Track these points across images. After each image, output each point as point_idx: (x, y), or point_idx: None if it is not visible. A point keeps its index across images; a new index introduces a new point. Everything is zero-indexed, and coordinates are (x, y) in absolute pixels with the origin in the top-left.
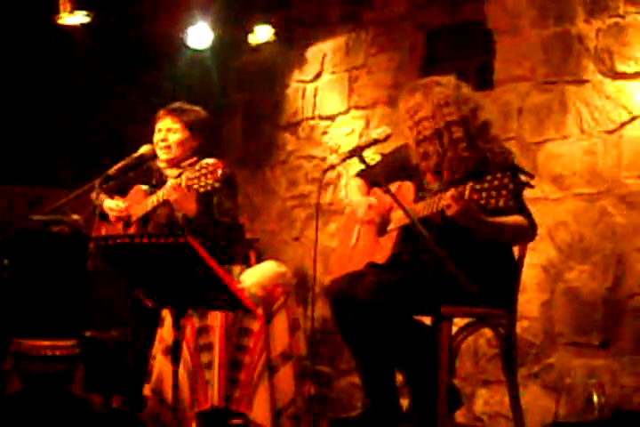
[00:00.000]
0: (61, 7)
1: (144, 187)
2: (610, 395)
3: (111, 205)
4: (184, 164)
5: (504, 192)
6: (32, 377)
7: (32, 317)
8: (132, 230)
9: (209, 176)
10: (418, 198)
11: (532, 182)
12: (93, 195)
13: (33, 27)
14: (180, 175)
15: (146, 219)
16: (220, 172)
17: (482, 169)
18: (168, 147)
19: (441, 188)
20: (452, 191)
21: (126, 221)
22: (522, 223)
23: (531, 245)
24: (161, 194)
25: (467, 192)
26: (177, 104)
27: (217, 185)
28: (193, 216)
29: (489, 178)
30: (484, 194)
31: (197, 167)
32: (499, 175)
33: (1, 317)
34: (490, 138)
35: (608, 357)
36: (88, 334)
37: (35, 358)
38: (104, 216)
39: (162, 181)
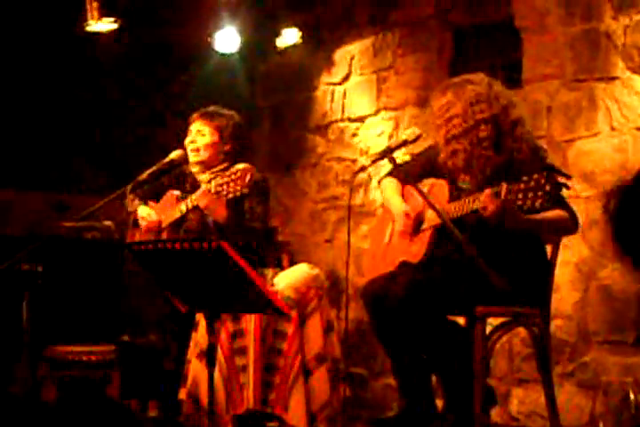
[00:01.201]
0: (89, 14)
1: (176, 192)
2: None
3: (144, 214)
4: (216, 169)
5: (541, 193)
6: (67, 383)
7: (67, 323)
8: (164, 236)
9: (238, 182)
10: (452, 198)
11: (569, 183)
12: (128, 200)
13: (61, 34)
14: (210, 180)
15: (177, 224)
16: (248, 178)
17: (510, 168)
18: (197, 149)
19: (475, 187)
20: (487, 191)
21: (158, 229)
22: (563, 216)
23: (563, 243)
24: (191, 200)
25: (503, 193)
26: (212, 108)
27: (245, 191)
28: (223, 222)
29: (525, 179)
30: (520, 195)
31: (227, 173)
32: (535, 176)
33: (35, 324)
34: (519, 136)
35: None
36: (125, 338)
37: (69, 363)
38: (137, 222)
39: (195, 187)
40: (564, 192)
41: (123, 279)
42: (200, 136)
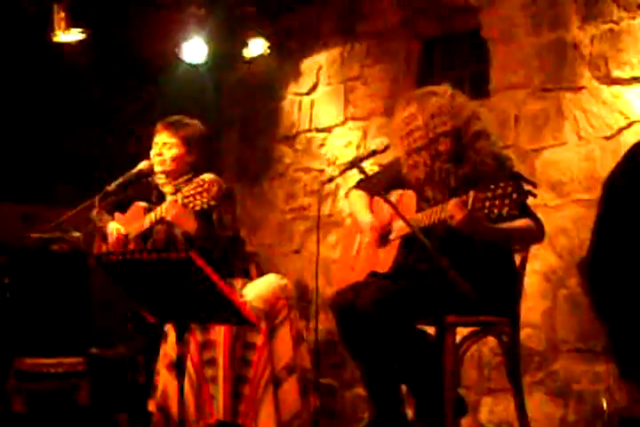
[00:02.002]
0: (56, 25)
1: (142, 203)
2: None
3: (112, 230)
4: (180, 180)
5: (507, 201)
6: (36, 395)
7: (34, 335)
8: (130, 248)
9: (204, 194)
10: (420, 208)
11: (535, 191)
12: (94, 213)
13: (28, 44)
14: (176, 192)
15: (144, 236)
16: (215, 189)
17: (475, 179)
18: (163, 162)
19: (442, 197)
20: (455, 200)
21: (124, 241)
22: (529, 225)
23: (532, 252)
24: (158, 212)
25: (470, 201)
26: (175, 117)
27: (212, 203)
28: (193, 233)
29: (492, 187)
30: (487, 203)
31: (194, 185)
32: (502, 184)
33: (3, 336)
34: (481, 149)
35: (611, 362)
36: (94, 351)
37: (37, 375)
38: (106, 237)
39: (161, 198)
40: (531, 201)
41: (90, 291)
42: (166, 149)
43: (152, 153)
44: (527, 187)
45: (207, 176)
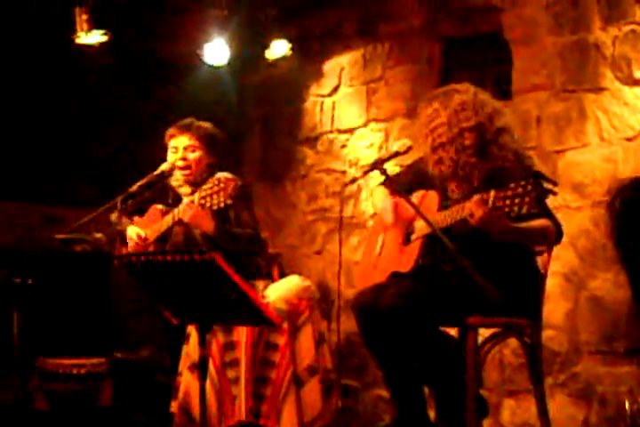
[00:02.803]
0: (78, 26)
1: (160, 206)
2: None
3: (132, 234)
4: (198, 179)
5: (527, 199)
6: (58, 395)
7: (57, 336)
8: (151, 249)
9: (221, 193)
10: (442, 207)
11: (556, 189)
12: (114, 217)
13: (52, 46)
14: (193, 193)
15: (163, 238)
16: (231, 188)
17: (497, 176)
18: (188, 166)
19: (463, 196)
20: (475, 199)
21: (144, 244)
22: (547, 226)
23: (553, 253)
24: (176, 213)
25: (490, 200)
26: (188, 120)
27: (229, 202)
28: (212, 233)
29: (512, 185)
30: (507, 201)
31: (210, 184)
32: (522, 182)
33: (26, 336)
34: (504, 144)
35: (633, 364)
36: (117, 355)
37: (59, 375)
38: (125, 240)
39: (176, 200)
40: (553, 202)
41: (112, 292)
42: (189, 152)
43: (173, 159)
44: (547, 185)
45: (222, 175)
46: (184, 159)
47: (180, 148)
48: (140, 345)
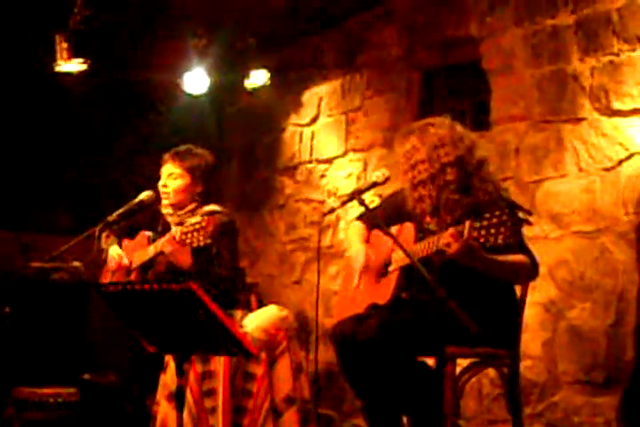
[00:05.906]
0: (58, 55)
1: (148, 233)
2: None
3: (114, 254)
4: (184, 210)
5: (503, 229)
6: (33, 424)
7: (33, 364)
8: (132, 277)
9: (201, 232)
10: (418, 239)
11: (531, 219)
12: (103, 236)
13: (31, 74)
14: (180, 223)
15: (146, 266)
16: (212, 227)
17: (478, 209)
18: (168, 193)
19: (440, 228)
20: (451, 230)
21: (127, 270)
22: (523, 261)
23: (532, 283)
24: (159, 245)
25: (466, 231)
26: (183, 147)
27: (209, 241)
28: (188, 269)
29: (487, 216)
30: (483, 232)
31: (194, 221)
32: (497, 213)
33: (2, 364)
34: (484, 176)
35: (611, 394)
36: (86, 377)
37: (36, 405)
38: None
39: (165, 228)
40: (531, 233)
41: (89, 320)
42: (171, 180)
43: (159, 184)
44: (522, 215)
45: (209, 209)
46: (164, 186)
47: (164, 174)
48: (107, 371)
